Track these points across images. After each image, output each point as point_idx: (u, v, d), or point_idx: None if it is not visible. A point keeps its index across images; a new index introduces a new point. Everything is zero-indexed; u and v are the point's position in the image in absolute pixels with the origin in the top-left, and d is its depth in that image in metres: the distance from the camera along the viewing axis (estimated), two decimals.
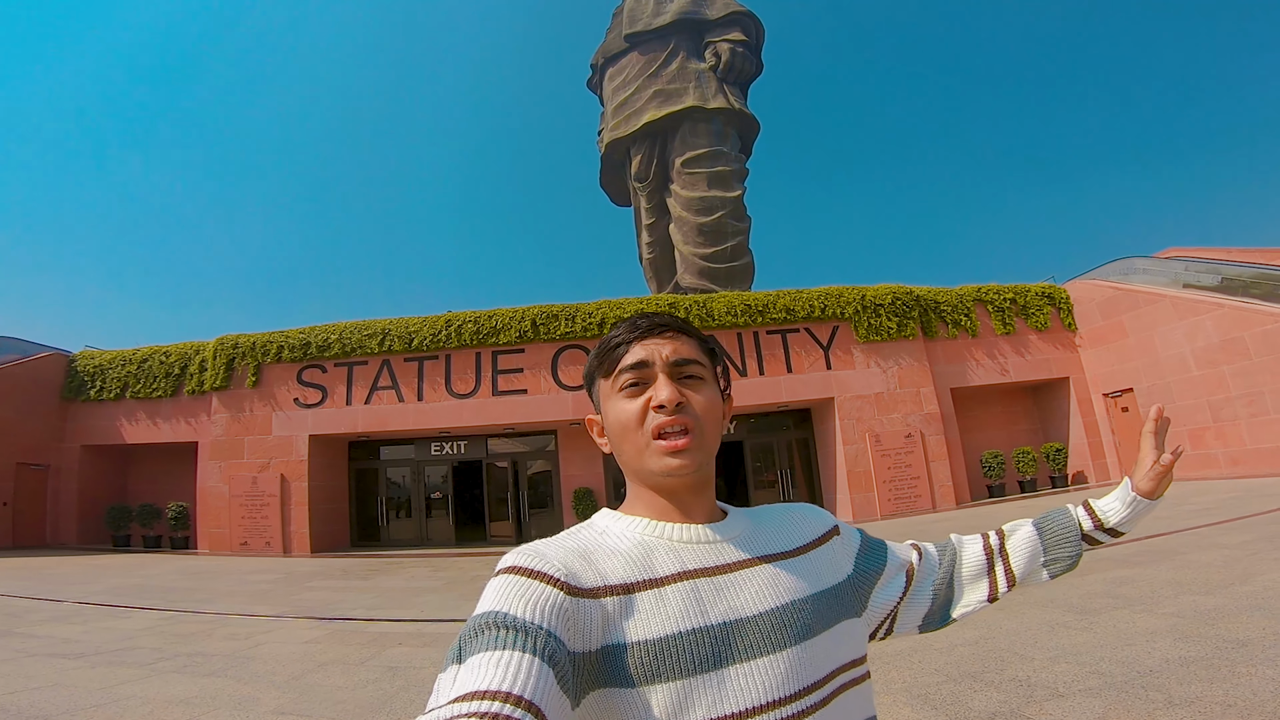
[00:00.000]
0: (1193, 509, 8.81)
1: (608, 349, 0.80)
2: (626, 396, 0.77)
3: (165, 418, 14.32)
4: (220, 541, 13.18)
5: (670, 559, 0.71)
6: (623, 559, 0.70)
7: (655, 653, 0.63)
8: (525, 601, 0.60)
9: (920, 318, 14.35)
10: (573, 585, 0.64)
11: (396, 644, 5.44)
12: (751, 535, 0.79)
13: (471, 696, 0.50)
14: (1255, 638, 3.74)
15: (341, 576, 9.77)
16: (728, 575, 0.71)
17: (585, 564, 0.67)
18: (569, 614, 0.61)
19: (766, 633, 0.68)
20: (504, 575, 0.64)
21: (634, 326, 0.79)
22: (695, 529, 0.75)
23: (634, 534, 0.74)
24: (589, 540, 0.73)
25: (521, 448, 15.48)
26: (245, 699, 4.09)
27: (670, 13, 20.24)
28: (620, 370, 0.77)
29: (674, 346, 0.78)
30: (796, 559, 0.78)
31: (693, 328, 0.83)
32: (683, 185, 19.93)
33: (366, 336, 13.97)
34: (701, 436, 0.75)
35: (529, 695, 0.51)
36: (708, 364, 0.81)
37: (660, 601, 0.66)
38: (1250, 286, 12.56)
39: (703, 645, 0.64)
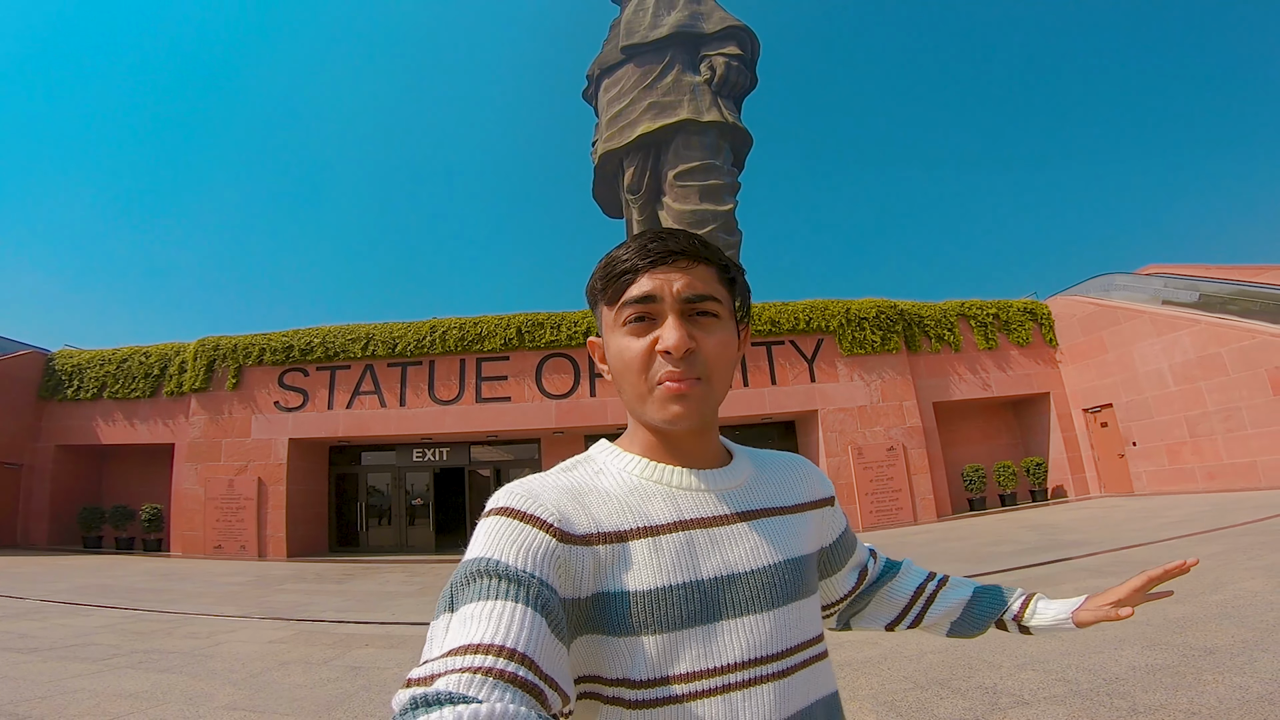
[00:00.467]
0: (1168, 521, 8.87)
1: (613, 274, 0.71)
2: (630, 333, 0.70)
3: (142, 419, 14.11)
4: (193, 544, 12.96)
5: (667, 506, 0.69)
6: (617, 504, 0.67)
7: (646, 604, 0.62)
8: (517, 547, 0.58)
9: (904, 331, 14.44)
10: (565, 531, 0.62)
11: (363, 645, 5.36)
12: (752, 485, 0.76)
13: (464, 650, 0.49)
14: (1223, 645, 3.74)
15: (315, 580, 9.62)
16: (723, 528, 0.69)
17: (578, 506, 0.65)
18: (561, 560, 0.60)
19: (757, 591, 0.67)
20: (495, 516, 0.62)
21: (644, 250, 0.70)
22: (694, 475, 0.72)
23: (630, 476, 0.71)
24: (583, 479, 0.70)
25: (505, 455, 15.39)
26: (197, 694, 4.00)
27: (667, 26, 20.44)
28: (625, 303, 0.70)
29: (687, 280, 0.69)
30: (792, 517, 0.77)
31: (713, 249, 0.73)
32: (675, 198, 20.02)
33: (350, 341, 13.88)
34: (709, 385, 0.69)
35: (522, 648, 0.50)
36: (725, 296, 0.73)
37: (655, 551, 0.64)
38: (1228, 303, 12.74)
39: (693, 600, 0.63)
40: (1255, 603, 4.49)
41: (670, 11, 20.57)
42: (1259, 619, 4.11)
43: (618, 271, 0.71)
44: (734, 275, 0.76)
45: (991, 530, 10.40)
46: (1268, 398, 10.98)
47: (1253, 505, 9.07)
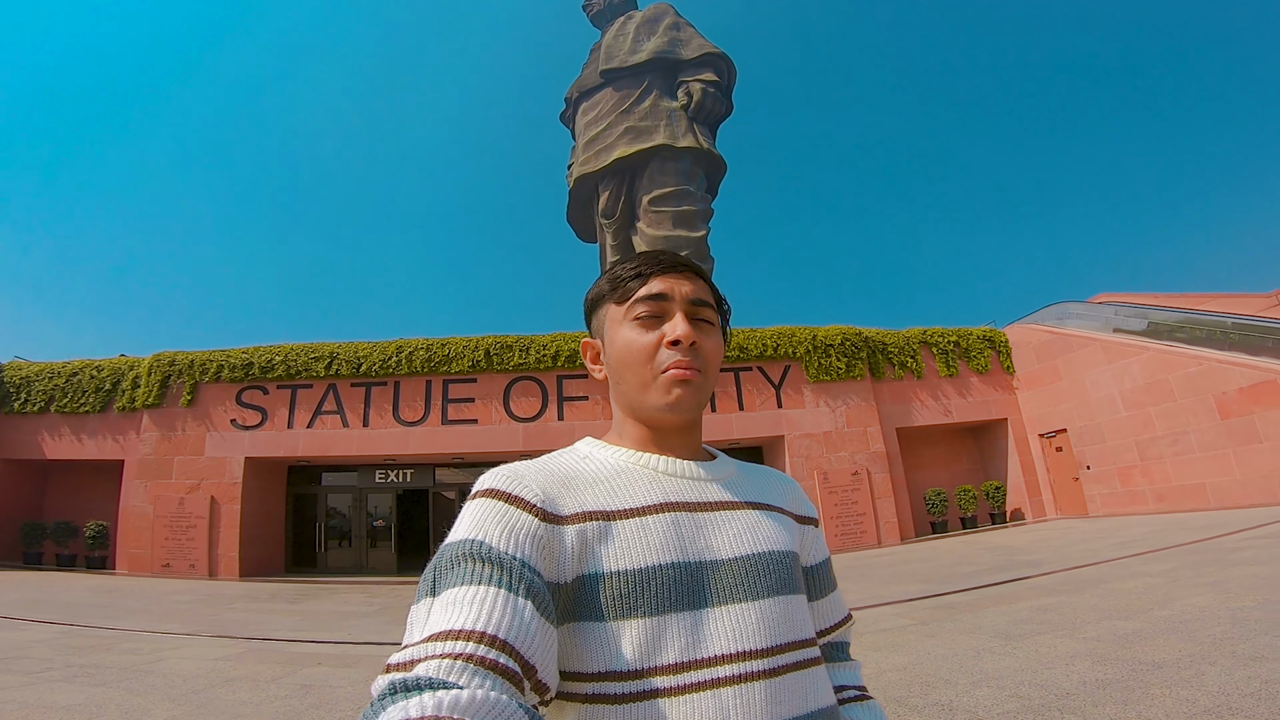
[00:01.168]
0: (1119, 541, 9.10)
1: (624, 278, 0.77)
2: (639, 327, 0.74)
3: (91, 434, 13.54)
4: (140, 562, 12.40)
5: (652, 488, 0.70)
6: (604, 486, 0.68)
7: (632, 584, 0.61)
8: (501, 529, 0.58)
9: (868, 359, 14.72)
10: (549, 512, 0.62)
11: (315, 664, 5.17)
12: (737, 481, 0.77)
13: (445, 635, 0.48)
14: (1170, 660, 3.82)
15: (268, 600, 9.27)
16: (708, 514, 0.70)
17: (564, 489, 0.66)
18: (545, 542, 0.60)
19: (741, 578, 0.66)
20: (481, 499, 0.62)
21: (654, 260, 0.77)
22: (680, 463, 0.74)
23: (616, 461, 0.73)
24: (570, 465, 0.71)
25: (470, 479, 15.11)
26: (134, 709, 3.83)
27: (646, 51, 20.74)
28: (637, 299, 0.75)
29: (692, 286, 0.77)
30: (778, 514, 0.77)
31: (706, 274, 0.81)
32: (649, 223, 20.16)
33: (313, 359, 13.59)
34: (705, 378, 0.74)
35: (504, 635, 0.49)
36: (716, 309, 0.80)
37: (641, 531, 0.64)
38: (1175, 331, 13.30)
39: (679, 582, 0.63)
40: (1202, 618, 4.61)
41: (650, 37, 20.94)
42: (1205, 633, 4.22)
43: (629, 275, 0.77)
44: (720, 297, 0.84)
45: (952, 552, 10.55)
46: (1214, 422, 11.43)
47: (1200, 525, 9.38)
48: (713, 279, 0.84)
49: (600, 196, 21.16)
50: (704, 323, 0.76)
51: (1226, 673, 3.48)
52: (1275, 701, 3.04)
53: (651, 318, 0.74)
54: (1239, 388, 11.07)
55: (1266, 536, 7.71)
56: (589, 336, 0.84)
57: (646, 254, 0.79)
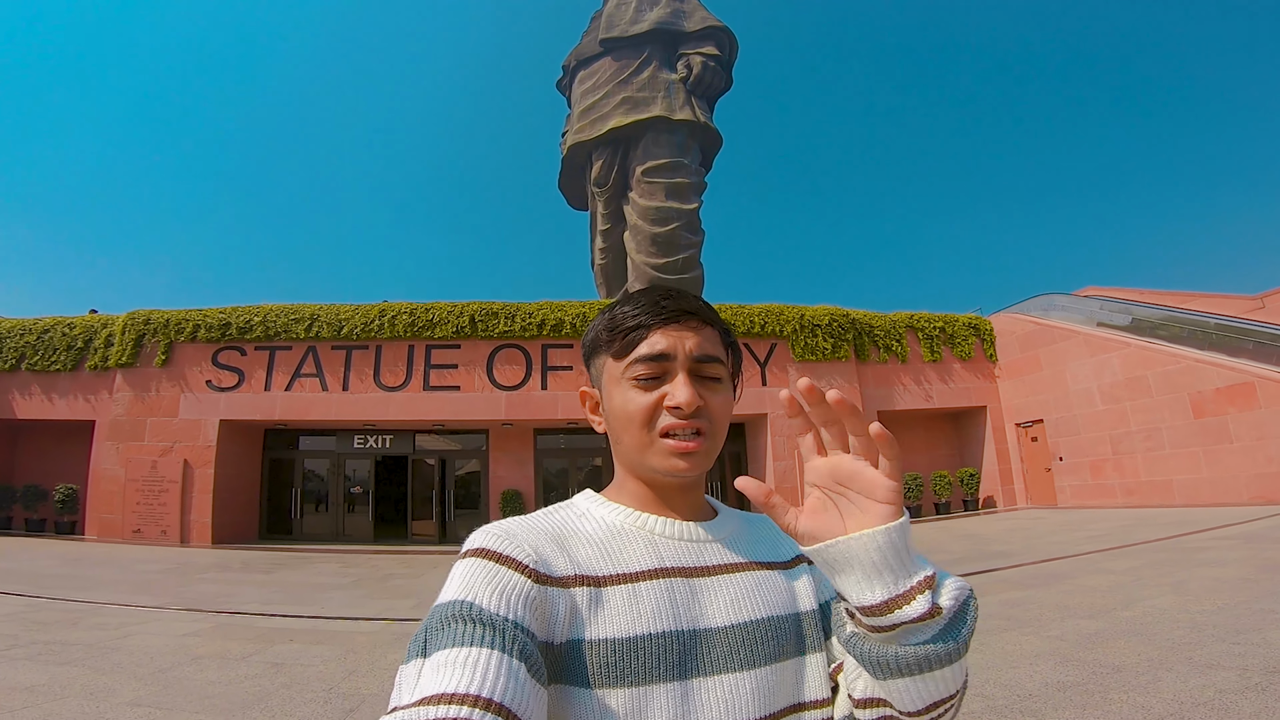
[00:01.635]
0: (1086, 535, 9.32)
1: (623, 328, 0.71)
2: (638, 387, 0.69)
3: (62, 393, 13.26)
4: (111, 528, 12.26)
5: (646, 553, 0.67)
6: (597, 548, 0.65)
7: (619, 653, 0.59)
8: (492, 590, 0.56)
9: (854, 340, 14.76)
10: (541, 573, 0.60)
11: (287, 640, 5.14)
12: (737, 539, 0.74)
13: (439, 699, 0.46)
14: (1129, 663, 3.90)
15: (240, 569, 9.23)
16: (704, 579, 0.67)
17: (557, 549, 0.63)
18: (537, 603, 0.58)
19: (736, 647, 0.63)
20: (471, 559, 0.60)
21: (657, 308, 0.70)
22: (678, 524, 0.71)
23: (612, 520, 0.70)
24: (564, 522, 0.68)
25: (451, 445, 15.07)
26: (99, 689, 3.78)
27: (648, 21, 20.33)
28: (636, 359, 0.69)
29: (698, 340, 0.70)
30: (781, 572, 0.73)
31: (716, 315, 0.75)
32: (641, 194, 19.96)
33: (293, 320, 13.35)
34: (712, 441, 0.69)
35: (498, 697, 0.47)
36: (726, 360, 0.73)
37: (632, 598, 0.62)
38: (1158, 328, 13.45)
39: (670, 651, 0.60)
40: (1163, 620, 4.72)
41: (653, 7, 20.49)
42: (1166, 637, 4.31)
43: (629, 325, 0.71)
44: (731, 339, 0.77)
45: (926, 538, 10.73)
46: (1187, 420, 11.65)
47: (1166, 522, 9.61)
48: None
49: (593, 165, 20.86)
50: (710, 380, 0.71)
51: (1182, 679, 3.56)
52: (1227, 713, 3.10)
53: (651, 379, 0.69)
54: (1215, 388, 11.25)
55: (1229, 538, 7.90)
56: (589, 384, 0.79)
57: (651, 296, 0.72)
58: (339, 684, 4.00)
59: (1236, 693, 3.31)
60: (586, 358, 0.77)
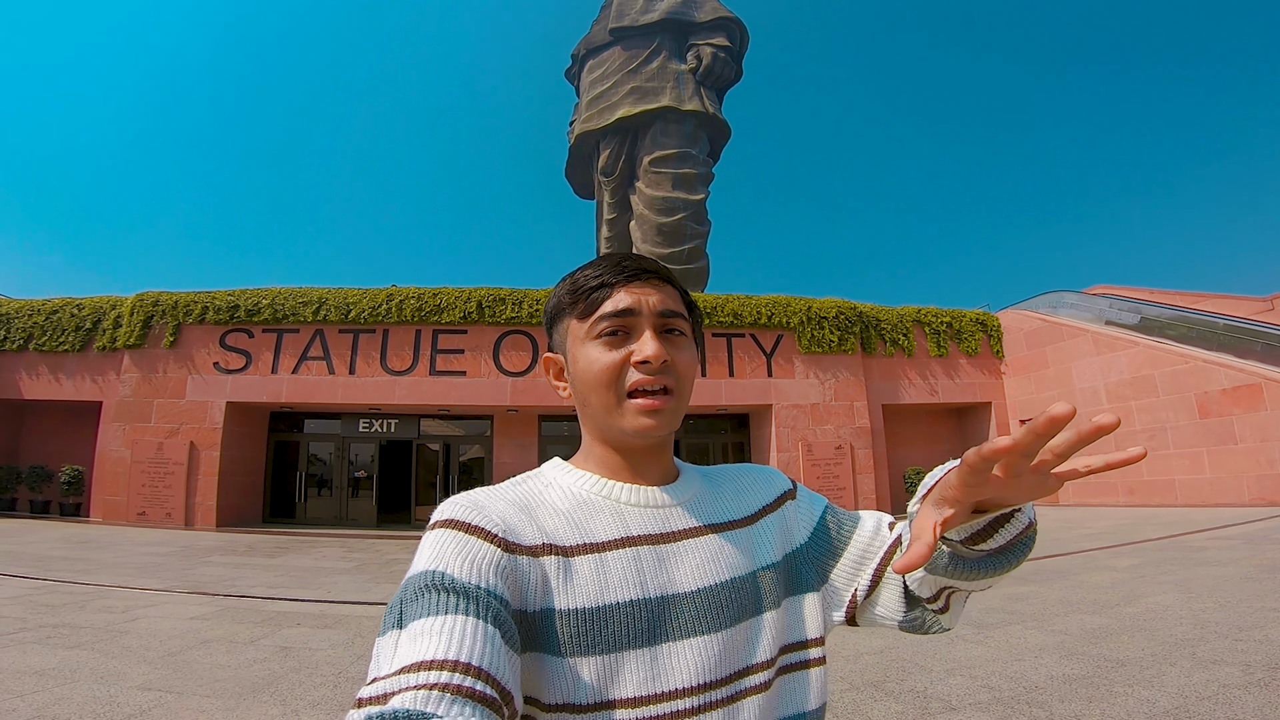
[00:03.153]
0: (1088, 533, 9.32)
1: (586, 288, 0.70)
2: (604, 345, 0.69)
3: (69, 374, 13.30)
4: (116, 510, 12.33)
5: (613, 522, 0.67)
6: (564, 518, 0.66)
7: (589, 622, 0.60)
8: (463, 560, 0.57)
9: (861, 334, 14.73)
10: (510, 542, 0.60)
11: (294, 624, 5.17)
12: (701, 500, 0.74)
13: (419, 666, 0.47)
14: (1134, 658, 3.92)
15: (245, 553, 9.28)
16: (671, 545, 0.67)
17: (525, 518, 0.64)
18: (507, 572, 0.58)
19: (703, 610, 0.64)
20: (440, 529, 0.60)
21: (619, 268, 0.71)
22: (644, 490, 0.71)
23: (579, 490, 0.70)
24: (532, 492, 0.69)
25: (456, 431, 15.12)
26: (109, 673, 3.79)
27: (659, 11, 20.19)
28: (601, 316, 0.69)
29: (660, 296, 0.71)
30: (745, 529, 0.73)
31: (675, 277, 0.75)
32: (648, 184, 19.91)
33: (301, 304, 13.36)
34: (679, 398, 0.69)
35: (477, 661, 0.48)
36: (688, 318, 0.74)
37: (600, 568, 0.63)
38: (1166, 328, 13.40)
39: (638, 619, 0.61)
40: (1166, 617, 4.74)
41: None
42: (1169, 633, 4.33)
43: (591, 285, 0.70)
44: (691, 302, 0.77)
45: None
46: (1192, 420, 11.62)
47: (1167, 521, 9.62)
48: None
49: (601, 154, 20.78)
50: (675, 334, 0.71)
51: (1186, 674, 3.58)
52: (1230, 707, 3.12)
53: (616, 335, 0.69)
54: (1221, 389, 11.21)
55: (1231, 538, 7.91)
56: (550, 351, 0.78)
57: (610, 259, 0.72)
58: (347, 668, 4.03)
59: (1240, 688, 3.33)
60: (549, 324, 0.77)
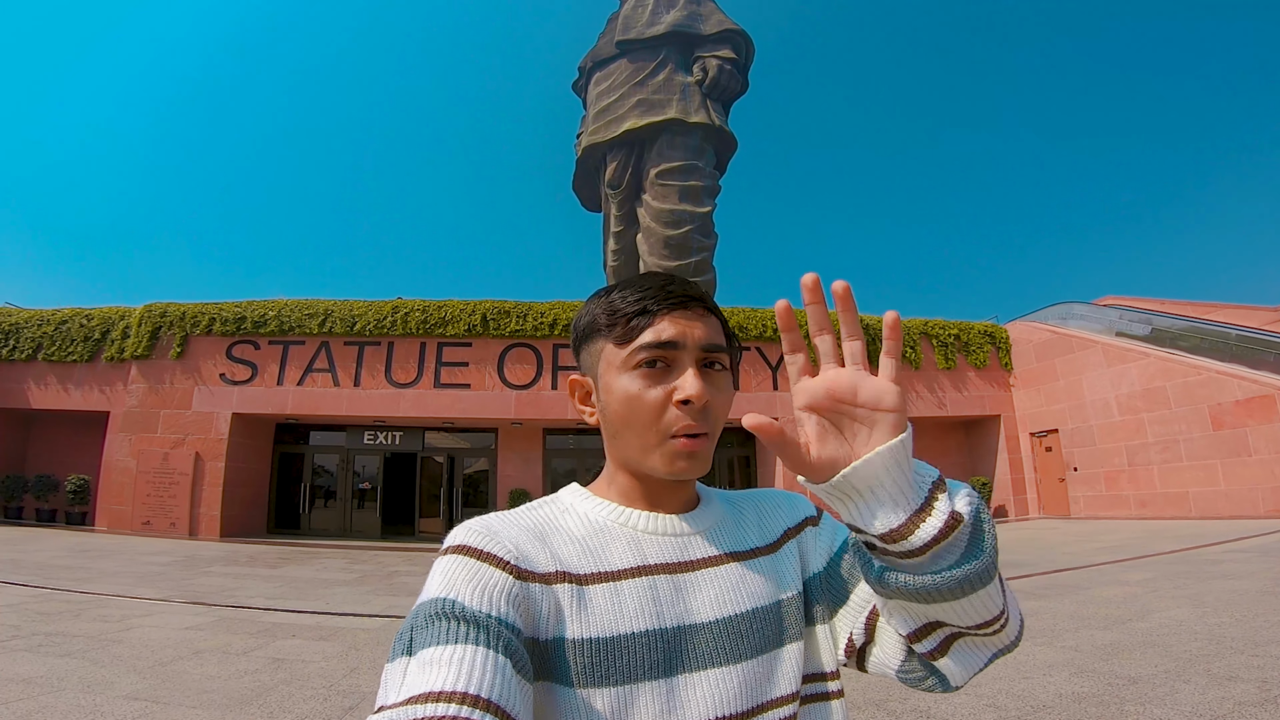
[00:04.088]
0: (1100, 546, 9.15)
1: (625, 313, 0.66)
2: (642, 378, 0.65)
3: (77, 384, 13.42)
4: (121, 519, 12.37)
5: (629, 550, 0.65)
6: (579, 545, 0.64)
7: (602, 653, 0.58)
8: (474, 587, 0.55)
9: (867, 346, 14.60)
10: (523, 569, 0.59)
11: (290, 635, 5.12)
12: (722, 527, 0.71)
13: (426, 698, 0.45)
14: (1146, 675, 3.80)
15: (247, 563, 9.26)
16: (689, 574, 0.65)
17: (539, 545, 0.62)
18: (520, 600, 0.57)
19: (721, 641, 0.62)
20: (451, 555, 0.59)
21: (665, 294, 0.66)
22: (663, 519, 0.68)
23: (595, 517, 0.68)
24: (548, 518, 0.67)
25: (460, 444, 15.11)
26: (97, 682, 3.76)
27: (665, 24, 20.39)
28: (642, 346, 0.65)
29: (705, 329, 0.66)
30: (769, 556, 0.71)
31: (717, 307, 0.71)
32: (654, 196, 19.99)
33: (307, 316, 13.44)
34: (711, 441, 0.66)
35: (486, 694, 0.47)
36: (728, 351, 0.70)
37: (615, 597, 0.61)
38: (1178, 339, 13.25)
39: (654, 650, 0.59)
40: (1179, 632, 4.60)
41: (669, 10, 20.56)
42: (1182, 649, 4.21)
43: (632, 309, 0.66)
44: (730, 332, 0.73)
45: None
46: (1205, 432, 11.45)
47: (1181, 534, 9.43)
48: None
49: (607, 167, 20.90)
50: (716, 369, 0.67)
51: (1201, 691, 3.46)
52: None
53: (655, 367, 0.65)
54: (1235, 400, 11.06)
55: (1246, 550, 7.74)
56: (578, 372, 0.74)
57: (652, 282, 0.68)
58: (339, 681, 3.97)
59: (1256, 705, 3.21)
60: (578, 344, 0.73)
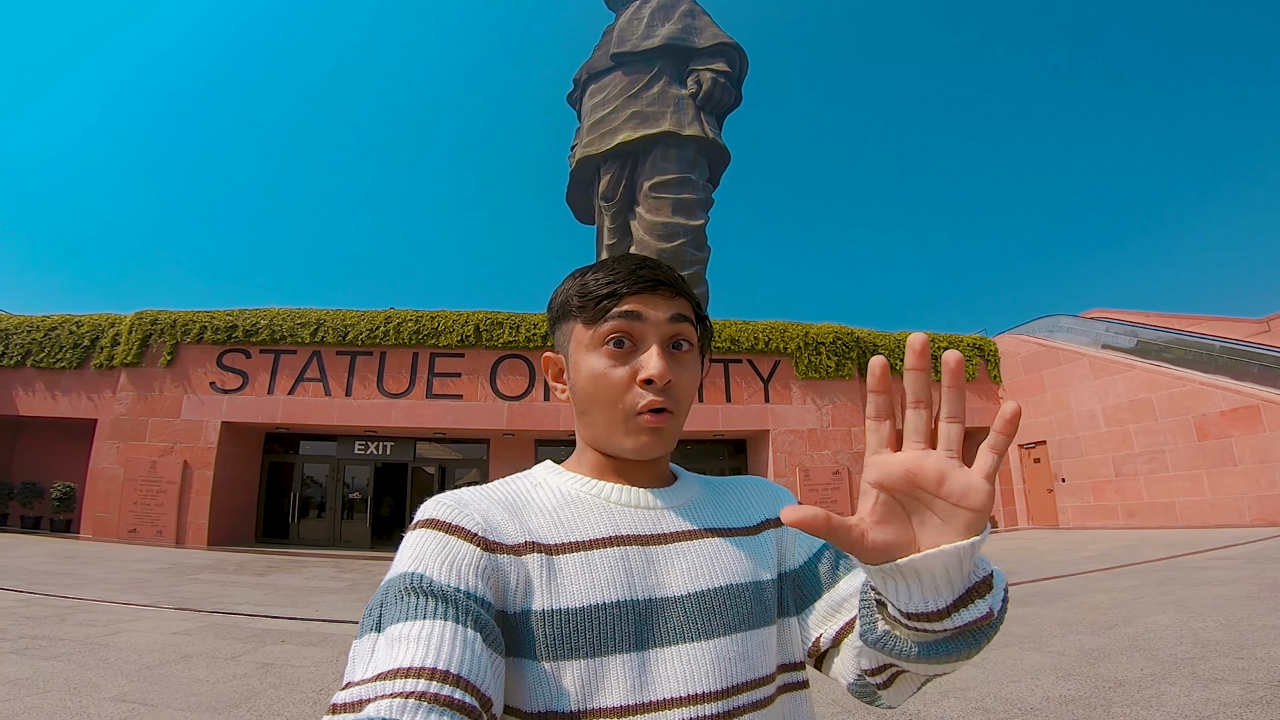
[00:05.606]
0: (1088, 555, 9.22)
1: (596, 293, 0.67)
2: (608, 355, 0.66)
3: (65, 391, 13.28)
4: (106, 527, 12.21)
5: (602, 520, 0.65)
6: (550, 516, 0.64)
7: (573, 624, 0.57)
8: (442, 561, 0.55)
9: (858, 359, 14.73)
10: (491, 540, 0.59)
11: (278, 641, 5.09)
12: (698, 505, 0.71)
13: (395, 674, 0.46)
14: (1132, 678, 3.83)
15: (235, 571, 9.17)
16: (661, 546, 0.65)
17: (509, 517, 0.62)
18: (488, 572, 0.57)
19: (694, 616, 0.61)
20: (421, 530, 0.59)
21: (633, 276, 0.67)
22: (635, 491, 0.68)
23: (568, 489, 0.68)
24: (519, 491, 0.67)
25: (452, 454, 15.04)
26: (83, 684, 3.73)
27: (659, 37, 20.57)
28: (607, 324, 0.66)
29: (672, 309, 0.68)
30: (745, 538, 0.70)
31: (689, 287, 0.72)
32: (647, 209, 20.08)
33: (299, 325, 13.40)
34: (677, 419, 0.68)
35: (455, 669, 0.47)
36: (696, 326, 0.71)
37: (586, 566, 0.60)
38: (1163, 351, 13.42)
39: (625, 621, 0.59)
40: (1165, 636, 4.65)
41: (664, 23, 20.76)
42: (1167, 653, 4.25)
43: (602, 292, 0.67)
44: (701, 314, 0.74)
45: None
46: (1191, 442, 11.58)
47: (1168, 542, 9.52)
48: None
49: (602, 179, 21.01)
50: (682, 346, 0.69)
51: (1185, 693, 3.50)
52: None
53: (622, 346, 0.67)
54: (1220, 410, 11.20)
55: (1231, 557, 7.82)
56: (552, 350, 0.76)
57: (624, 264, 0.69)
58: (328, 686, 3.95)
59: (1240, 706, 3.25)
60: (552, 322, 0.74)
